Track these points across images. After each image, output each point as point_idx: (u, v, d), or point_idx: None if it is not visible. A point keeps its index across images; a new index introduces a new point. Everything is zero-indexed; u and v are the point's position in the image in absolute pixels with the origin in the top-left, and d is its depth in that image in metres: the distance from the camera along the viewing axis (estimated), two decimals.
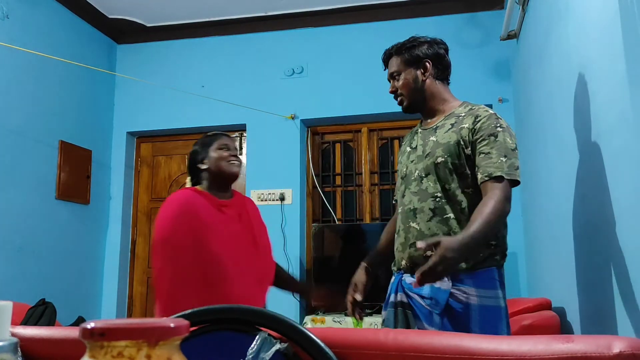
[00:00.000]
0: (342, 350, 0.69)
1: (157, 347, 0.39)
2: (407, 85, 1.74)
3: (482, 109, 1.67)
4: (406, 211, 1.69)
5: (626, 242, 1.45)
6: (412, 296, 1.61)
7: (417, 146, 1.75)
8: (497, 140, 1.57)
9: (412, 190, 1.68)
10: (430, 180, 1.64)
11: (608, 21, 1.51)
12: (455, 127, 1.65)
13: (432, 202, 1.62)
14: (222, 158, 2.00)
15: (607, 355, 0.62)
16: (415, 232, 1.64)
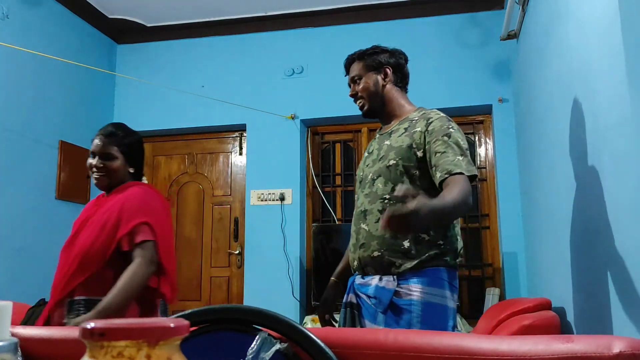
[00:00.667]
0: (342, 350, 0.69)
1: (157, 347, 0.39)
2: (367, 89, 1.81)
3: (434, 112, 1.73)
4: (358, 213, 1.74)
5: (626, 242, 1.45)
6: (361, 296, 1.66)
7: (373, 150, 1.81)
8: (451, 140, 1.62)
9: (365, 192, 1.73)
10: (380, 182, 1.68)
11: (608, 21, 1.51)
12: (409, 131, 1.70)
13: (381, 204, 1.65)
14: (88, 167, 1.97)
15: (607, 355, 0.62)
16: (364, 234, 1.68)
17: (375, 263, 1.64)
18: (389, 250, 1.62)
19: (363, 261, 1.67)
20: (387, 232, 1.57)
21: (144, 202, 1.88)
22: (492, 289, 3.52)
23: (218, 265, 4.27)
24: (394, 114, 1.82)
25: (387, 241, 1.62)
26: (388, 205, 1.63)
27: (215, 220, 4.33)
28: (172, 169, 4.50)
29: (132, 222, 1.81)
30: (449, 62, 3.96)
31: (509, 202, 3.71)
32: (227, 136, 4.43)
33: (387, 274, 1.61)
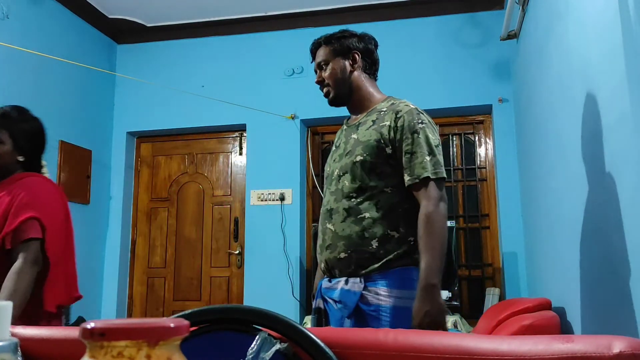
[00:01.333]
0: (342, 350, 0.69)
1: (157, 347, 0.39)
2: (334, 74, 1.70)
3: (403, 103, 1.63)
4: (324, 212, 1.65)
5: (626, 242, 1.45)
6: (328, 301, 1.58)
7: (340, 144, 1.71)
8: (420, 138, 1.54)
9: (331, 190, 1.64)
10: (346, 180, 1.59)
11: (608, 21, 1.51)
12: (376, 124, 1.61)
13: (347, 202, 1.57)
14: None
15: (607, 355, 0.62)
16: (330, 234, 1.59)
17: (342, 265, 1.55)
18: (357, 251, 1.53)
19: (330, 263, 1.58)
20: (353, 230, 1.53)
21: (35, 196, 1.72)
22: (492, 289, 3.52)
23: (218, 265, 4.27)
24: (363, 103, 1.71)
25: (355, 241, 1.53)
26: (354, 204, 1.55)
27: (215, 220, 4.33)
28: (172, 169, 4.50)
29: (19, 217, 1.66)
30: (449, 62, 3.95)
31: (509, 202, 3.71)
32: (227, 136, 4.43)
33: (354, 275, 1.52)
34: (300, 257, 4.01)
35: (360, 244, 1.53)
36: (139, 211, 4.49)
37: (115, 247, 4.32)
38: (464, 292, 3.84)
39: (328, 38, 1.74)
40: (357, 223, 1.54)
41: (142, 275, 4.38)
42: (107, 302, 4.24)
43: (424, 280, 1.42)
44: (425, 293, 1.41)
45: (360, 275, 1.51)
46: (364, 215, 1.54)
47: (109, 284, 4.27)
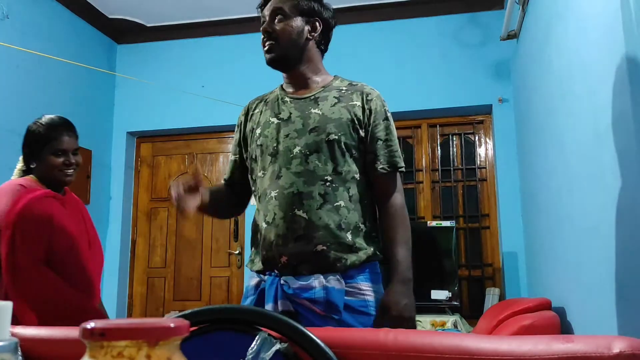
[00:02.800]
0: (342, 350, 0.69)
1: (157, 347, 0.39)
2: (289, 33, 1.49)
3: (367, 86, 1.52)
4: (286, 196, 1.39)
5: (626, 242, 1.45)
6: (301, 303, 1.34)
7: (291, 117, 1.46)
8: (391, 125, 1.47)
9: (294, 170, 1.40)
10: (318, 160, 1.40)
11: (608, 21, 1.51)
12: (344, 102, 1.46)
13: (322, 187, 1.38)
14: (54, 166, 1.82)
15: (607, 355, 0.62)
16: (303, 223, 1.37)
17: (317, 260, 1.35)
18: (335, 243, 1.36)
19: (298, 257, 1.36)
20: (332, 220, 1.37)
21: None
22: (492, 289, 3.52)
23: (218, 265, 4.27)
24: (309, 76, 1.52)
25: (333, 233, 1.37)
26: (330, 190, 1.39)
27: (215, 220, 4.33)
28: (172, 169, 4.50)
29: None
30: (449, 62, 3.95)
31: (509, 202, 3.71)
32: (227, 136, 4.43)
33: (330, 271, 1.35)
34: None
35: (338, 235, 1.37)
36: (139, 211, 4.49)
37: (115, 247, 4.32)
38: (464, 292, 3.84)
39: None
40: (334, 212, 1.38)
41: (142, 275, 4.39)
42: (107, 302, 4.21)
43: (402, 274, 1.36)
44: (402, 286, 1.35)
45: (337, 271, 1.35)
46: (339, 203, 1.39)
47: (109, 283, 4.26)
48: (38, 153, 1.83)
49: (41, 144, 1.82)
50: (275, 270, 1.39)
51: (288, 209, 1.38)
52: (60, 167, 1.82)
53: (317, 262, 1.36)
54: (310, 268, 1.36)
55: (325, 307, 1.32)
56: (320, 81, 1.53)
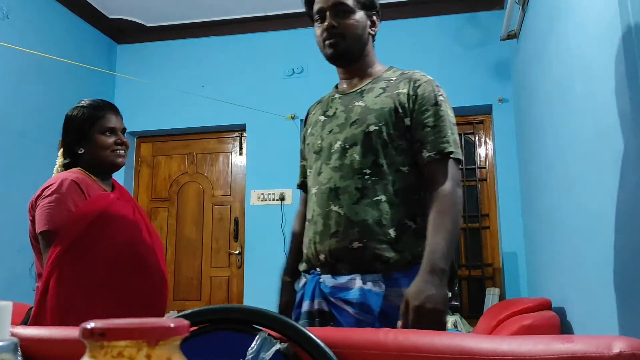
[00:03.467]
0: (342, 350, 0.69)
1: (157, 347, 0.39)
2: (354, 27, 1.42)
3: (419, 73, 1.44)
4: (324, 191, 1.36)
5: (626, 242, 1.45)
6: (336, 303, 1.28)
7: (335, 113, 1.44)
8: (442, 111, 1.35)
9: (332, 165, 1.36)
10: (356, 153, 1.34)
11: (608, 21, 1.51)
12: (389, 91, 1.39)
13: (360, 180, 1.32)
14: (106, 146, 1.70)
15: (607, 356, 0.62)
16: (337, 218, 1.32)
17: (355, 257, 1.29)
18: (374, 240, 1.28)
19: (335, 255, 1.31)
20: (369, 215, 1.29)
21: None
22: (492, 289, 3.52)
23: (218, 265, 4.27)
24: (366, 70, 1.48)
25: (372, 228, 1.29)
26: (369, 183, 1.31)
27: (215, 220, 4.33)
28: (172, 169, 4.50)
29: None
30: (449, 62, 3.95)
31: (509, 202, 3.71)
32: (227, 136, 4.43)
33: (369, 272, 1.27)
34: None
35: (377, 232, 1.29)
36: None
37: None
38: (464, 292, 3.84)
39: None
40: (373, 206, 1.30)
41: None
42: None
43: (431, 262, 1.20)
44: (430, 276, 1.18)
45: (378, 272, 1.27)
46: (380, 198, 1.31)
47: None
48: (85, 135, 1.70)
49: (88, 124, 1.70)
50: (316, 269, 1.36)
51: (325, 205, 1.35)
52: (112, 147, 1.70)
53: (354, 260, 1.29)
54: (349, 267, 1.30)
55: (358, 310, 1.23)
56: (372, 73, 1.48)
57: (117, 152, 1.72)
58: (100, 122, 1.71)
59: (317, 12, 1.43)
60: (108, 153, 1.70)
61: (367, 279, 1.26)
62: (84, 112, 1.73)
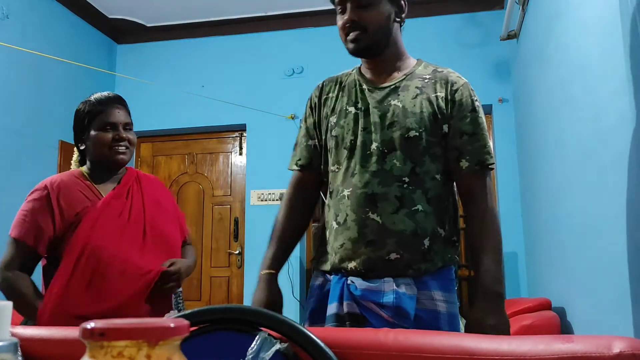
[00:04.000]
0: (342, 350, 0.69)
1: (157, 347, 0.39)
2: (378, 19, 1.30)
3: (453, 73, 1.36)
4: (359, 196, 1.27)
5: (626, 242, 1.45)
6: (368, 306, 1.23)
7: (368, 109, 1.32)
8: (480, 118, 1.29)
9: (370, 169, 1.28)
10: (396, 159, 1.27)
11: (608, 21, 1.51)
12: (426, 92, 1.31)
13: (399, 188, 1.25)
14: (103, 143, 1.60)
15: (607, 356, 0.62)
16: (375, 227, 1.25)
17: (390, 267, 1.25)
18: (410, 251, 1.25)
19: (368, 264, 1.25)
20: (407, 226, 1.24)
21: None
22: None
23: (218, 265, 4.27)
24: (395, 62, 1.38)
25: (408, 240, 1.25)
26: (408, 192, 1.25)
27: (215, 220, 4.33)
28: (172, 169, 4.50)
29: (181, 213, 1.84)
30: (449, 62, 3.90)
31: (509, 202, 3.71)
32: (227, 136, 4.43)
33: (402, 276, 1.24)
34: (301, 257, 4.01)
35: (413, 243, 1.25)
36: None
37: None
38: (464, 292, 3.84)
39: None
40: (411, 217, 1.25)
41: None
42: None
43: (487, 288, 1.18)
44: (490, 304, 1.17)
45: (409, 276, 1.24)
46: (417, 207, 1.25)
47: None
48: (85, 131, 1.64)
49: (87, 120, 1.64)
50: (341, 271, 1.29)
51: (361, 211, 1.26)
52: (109, 144, 1.60)
53: (388, 269, 1.25)
54: (380, 275, 1.25)
55: (394, 314, 1.19)
56: (402, 67, 1.38)
57: (116, 148, 1.62)
58: (100, 117, 1.64)
59: (338, 3, 1.31)
60: (105, 150, 1.61)
61: (400, 282, 1.23)
62: (86, 107, 1.68)
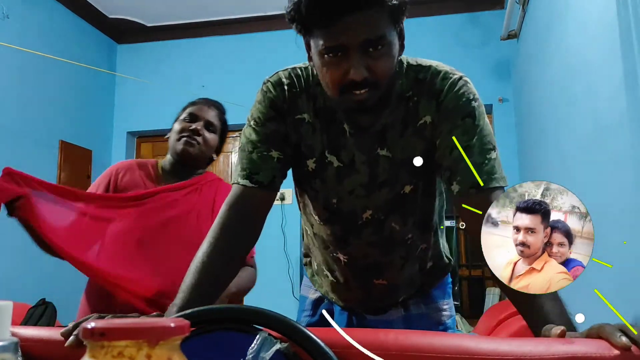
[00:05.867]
0: (342, 350, 0.69)
1: (157, 347, 0.39)
2: (391, 67, 0.95)
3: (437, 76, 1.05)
4: (361, 266, 1.14)
5: (626, 242, 1.45)
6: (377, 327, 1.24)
7: (354, 164, 1.04)
8: (477, 123, 0.99)
9: (367, 239, 1.10)
10: (395, 222, 1.08)
11: (608, 21, 1.51)
12: (412, 122, 1.01)
13: (403, 249, 1.12)
14: (176, 131, 1.55)
15: (607, 356, 0.63)
16: (383, 289, 1.17)
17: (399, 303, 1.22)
18: (417, 285, 1.21)
19: (379, 309, 1.22)
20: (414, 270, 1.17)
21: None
22: (492, 289, 3.52)
23: None
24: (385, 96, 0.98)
25: (417, 279, 1.20)
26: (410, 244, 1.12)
27: None
28: None
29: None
30: (449, 62, 3.91)
31: None
32: (227, 136, 4.43)
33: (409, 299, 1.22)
34: (300, 257, 4.01)
35: (420, 277, 1.20)
36: None
37: None
38: (464, 291, 3.84)
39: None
40: (416, 260, 1.17)
41: None
42: None
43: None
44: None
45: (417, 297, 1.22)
46: (420, 247, 1.16)
47: None
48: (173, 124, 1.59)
49: (181, 111, 1.61)
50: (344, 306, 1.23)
51: (365, 279, 1.16)
52: (180, 133, 1.52)
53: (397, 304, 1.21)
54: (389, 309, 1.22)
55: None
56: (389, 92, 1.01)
57: (184, 138, 1.52)
58: (189, 108, 1.60)
59: (332, 48, 0.89)
60: (174, 140, 1.54)
61: (407, 303, 1.20)
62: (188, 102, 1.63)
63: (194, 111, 1.58)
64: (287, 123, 1.05)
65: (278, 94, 1.07)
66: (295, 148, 1.07)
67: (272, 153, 1.02)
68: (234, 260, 0.99)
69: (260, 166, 1.01)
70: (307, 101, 1.05)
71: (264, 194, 1.01)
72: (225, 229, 0.97)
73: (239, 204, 0.99)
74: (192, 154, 1.54)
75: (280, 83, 1.09)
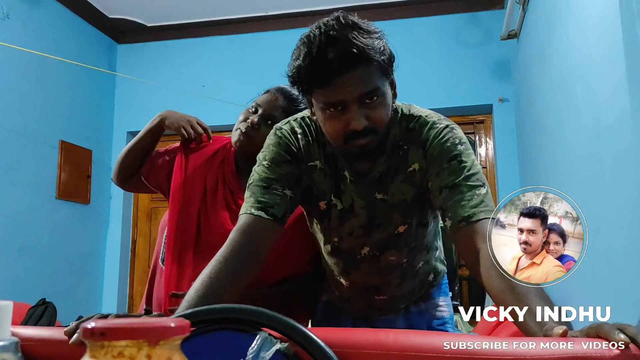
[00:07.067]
0: (342, 350, 0.69)
1: (157, 347, 0.39)
2: (387, 113, 1.04)
3: (424, 126, 1.10)
4: (362, 289, 1.29)
5: (626, 242, 1.45)
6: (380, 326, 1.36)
7: (354, 208, 1.16)
8: (462, 163, 1.05)
9: (365, 271, 1.23)
10: (390, 255, 1.21)
11: (608, 21, 1.51)
12: (402, 172, 1.12)
13: (399, 271, 1.25)
14: (237, 122, 1.53)
15: (607, 356, 0.63)
16: (382, 303, 1.31)
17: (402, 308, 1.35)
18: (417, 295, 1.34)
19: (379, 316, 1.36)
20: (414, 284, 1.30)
21: None
22: None
23: None
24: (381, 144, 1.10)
25: (417, 291, 1.33)
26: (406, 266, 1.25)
27: None
28: None
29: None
30: (449, 62, 3.95)
31: None
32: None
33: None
34: None
35: (420, 289, 1.33)
36: (140, 211, 4.49)
37: (115, 246, 4.32)
38: (464, 291, 3.84)
39: (370, 45, 0.98)
40: (415, 276, 1.29)
41: (142, 274, 4.38)
42: (108, 301, 4.24)
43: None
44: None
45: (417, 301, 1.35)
46: (419, 266, 1.28)
47: (110, 283, 4.27)
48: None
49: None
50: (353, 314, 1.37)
51: (366, 296, 1.30)
52: (238, 125, 1.49)
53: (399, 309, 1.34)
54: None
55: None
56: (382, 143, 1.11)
57: (237, 131, 1.49)
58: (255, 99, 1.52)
59: (332, 104, 1.01)
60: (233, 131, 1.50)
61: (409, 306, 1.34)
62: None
63: (259, 100, 1.49)
64: (301, 168, 1.16)
65: (293, 141, 1.17)
66: (307, 191, 1.17)
67: (286, 191, 1.12)
68: (239, 281, 1.03)
69: (276, 201, 1.10)
70: (318, 148, 1.16)
71: (275, 227, 1.09)
72: (235, 251, 1.03)
73: (252, 232, 1.06)
74: (242, 149, 1.48)
75: (294, 131, 1.18)
